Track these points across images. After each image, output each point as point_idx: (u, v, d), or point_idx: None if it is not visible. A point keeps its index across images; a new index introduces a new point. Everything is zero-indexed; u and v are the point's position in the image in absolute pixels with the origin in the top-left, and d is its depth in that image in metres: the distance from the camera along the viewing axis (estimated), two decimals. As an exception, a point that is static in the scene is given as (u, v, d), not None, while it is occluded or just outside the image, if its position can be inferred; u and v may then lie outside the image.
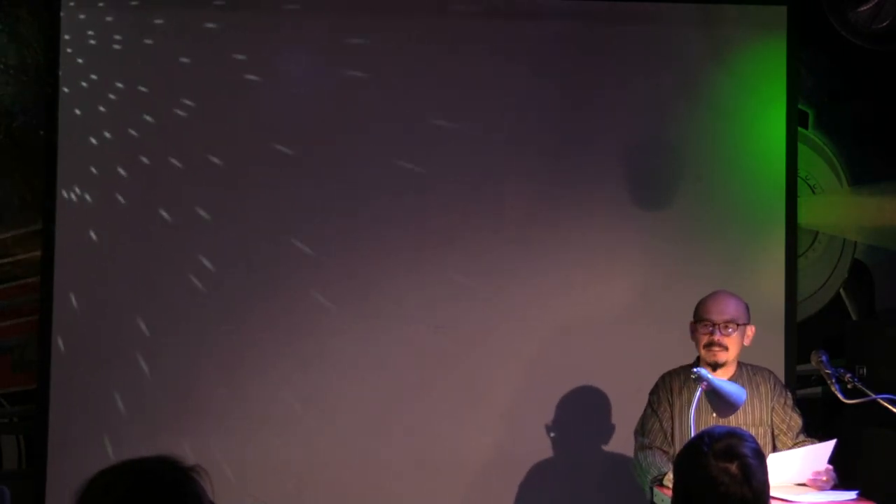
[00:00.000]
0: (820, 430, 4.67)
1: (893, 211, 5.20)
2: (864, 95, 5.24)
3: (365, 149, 5.00)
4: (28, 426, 4.92)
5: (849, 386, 3.90)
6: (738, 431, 2.41)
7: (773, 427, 3.94)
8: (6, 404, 4.95)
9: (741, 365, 3.97)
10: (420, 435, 4.95)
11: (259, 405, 4.92)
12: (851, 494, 3.61)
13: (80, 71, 4.93)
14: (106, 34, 4.95)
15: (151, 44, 4.96)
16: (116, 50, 4.95)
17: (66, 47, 4.93)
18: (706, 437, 2.36)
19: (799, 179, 5.16)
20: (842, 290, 5.27)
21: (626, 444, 4.87)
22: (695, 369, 3.73)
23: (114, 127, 4.94)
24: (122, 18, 4.96)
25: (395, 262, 4.98)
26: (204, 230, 4.94)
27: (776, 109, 5.10)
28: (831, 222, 5.25)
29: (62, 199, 4.90)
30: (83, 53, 4.94)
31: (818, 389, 5.04)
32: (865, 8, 4.40)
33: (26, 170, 4.98)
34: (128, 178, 4.93)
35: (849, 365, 4.75)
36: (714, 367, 3.86)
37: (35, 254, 4.94)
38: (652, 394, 4.01)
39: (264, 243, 4.95)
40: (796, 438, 3.93)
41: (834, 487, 3.69)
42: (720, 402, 3.71)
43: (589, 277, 5.03)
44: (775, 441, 3.93)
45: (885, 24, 4.39)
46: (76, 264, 4.90)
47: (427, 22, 5.06)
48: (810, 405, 5.01)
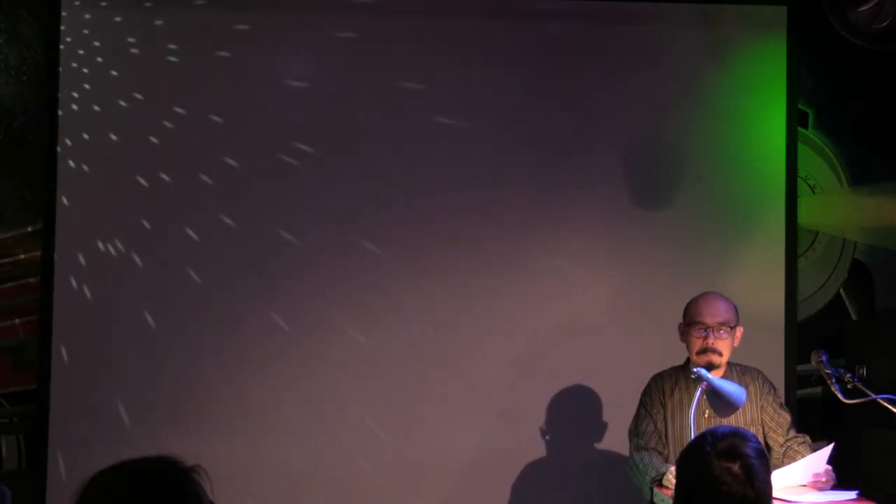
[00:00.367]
0: (820, 430, 4.68)
1: (893, 211, 5.20)
2: (864, 95, 5.24)
3: (365, 150, 5.00)
4: (28, 426, 4.92)
5: (849, 386, 3.90)
6: (741, 431, 2.40)
7: (763, 425, 3.94)
8: (6, 404, 4.95)
9: (731, 365, 3.97)
10: (420, 435, 4.95)
11: (259, 405, 4.92)
12: (851, 494, 3.61)
13: (80, 71, 4.93)
14: (106, 34, 4.95)
15: (152, 44, 4.96)
16: (117, 50, 4.95)
17: (66, 47, 4.93)
18: (709, 437, 2.36)
19: (799, 179, 5.15)
20: (842, 290, 5.27)
21: (624, 444, 4.87)
22: (695, 369, 3.73)
23: (114, 127, 4.94)
24: (123, 18, 4.96)
25: (395, 263, 4.98)
26: (205, 230, 4.94)
27: (776, 109, 5.10)
28: (831, 222, 5.25)
29: (62, 199, 4.90)
30: (83, 53, 4.94)
31: (818, 389, 5.03)
32: (865, 8, 4.40)
33: (26, 170, 4.98)
34: (128, 178, 4.93)
35: (849, 365, 4.75)
36: (708, 369, 3.85)
37: (35, 254, 4.94)
38: (644, 395, 4.01)
39: (265, 244, 4.95)
40: (787, 434, 3.94)
41: (834, 487, 3.69)
42: (720, 402, 3.71)
43: (589, 278, 5.03)
44: (766, 439, 3.94)
45: (885, 24, 4.39)
46: (76, 264, 4.90)
47: (426, 23, 5.06)
48: (810, 405, 5.01)
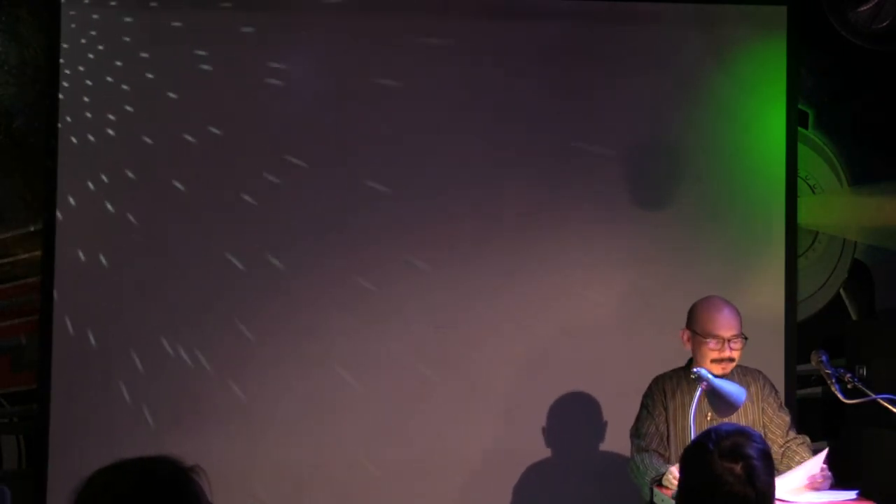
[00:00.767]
0: (820, 430, 4.68)
1: (893, 211, 5.19)
2: (864, 95, 5.24)
3: (364, 150, 5.00)
4: (28, 426, 4.92)
5: (849, 386, 3.90)
6: (746, 430, 2.38)
7: (763, 426, 3.95)
8: (6, 404, 4.95)
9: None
10: (420, 435, 4.95)
11: (260, 406, 4.91)
12: (851, 494, 3.61)
13: (80, 71, 4.93)
14: (106, 34, 4.95)
15: (152, 44, 4.96)
16: (117, 50, 4.95)
17: (66, 47, 4.93)
18: (713, 435, 2.35)
19: (799, 179, 5.15)
20: (842, 290, 5.26)
21: (625, 444, 4.87)
22: (695, 369, 3.73)
23: (114, 127, 4.94)
24: (123, 18, 4.96)
25: (395, 264, 4.98)
26: (205, 230, 4.94)
27: (776, 109, 5.10)
28: (831, 222, 5.25)
29: (62, 199, 4.90)
30: (83, 53, 4.93)
31: (818, 389, 5.03)
32: (865, 8, 4.40)
33: (26, 170, 4.98)
34: (128, 178, 4.93)
35: (849, 365, 4.75)
36: (719, 377, 3.86)
37: (35, 254, 4.94)
38: (646, 397, 4.01)
39: (265, 244, 4.95)
40: (786, 436, 3.94)
41: (834, 487, 3.69)
42: (720, 402, 3.71)
43: (589, 278, 5.03)
44: (765, 440, 3.93)
45: (885, 24, 4.39)
46: (76, 264, 4.89)
47: (426, 23, 5.05)
48: (810, 405, 5.01)
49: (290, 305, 4.95)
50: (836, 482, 3.72)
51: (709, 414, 3.83)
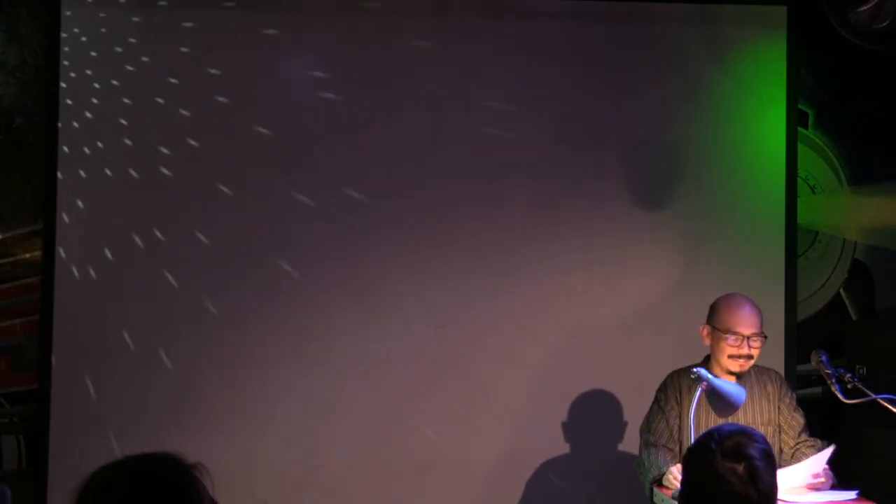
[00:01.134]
0: (820, 430, 4.67)
1: (893, 211, 5.20)
2: (864, 95, 5.24)
3: (365, 150, 5.00)
4: (28, 426, 4.92)
5: (849, 386, 3.90)
6: (748, 430, 2.38)
7: (778, 426, 3.95)
8: (6, 404, 4.95)
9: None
10: (420, 435, 4.95)
11: (260, 405, 4.92)
12: (851, 494, 3.61)
13: (80, 71, 4.93)
14: (106, 34, 4.95)
15: (153, 44, 4.96)
16: (117, 50, 4.95)
17: (66, 47, 4.93)
18: (715, 435, 2.34)
19: (799, 179, 5.15)
20: (842, 290, 5.27)
21: (625, 444, 4.88)
22: (695, 369, 3.73)
23: (114, 127, 4.94)
24: (123, 18, 4.96)
25: (395, 264, 4.98)
26: (205, 230, 4.94)
27: (776, 109, 5.10)
28: (831, 222, 5.25)
29: (62, 199, 4.90)
30: (83, 53, 4.94)
31: (818, 389, 5.03)
32: (865, 8, 4.40)
33: (26, 170, 4.98)
34: (128, 178, 4.93)
35: (849, 365, 4.75)
36: (738, 375, 3.87)
37: (35, 254, 4.94)
38: (660, 391, 3.99)
39: (265, 243, 4.95)
40: (798, 438, 3.93)
41: (834, 487, 3.69)
42: (720, 402, 3.71)
43: (589, 278, 5.03)
44: (779, 440, 3.94)
45: (885, 24, 4.39)
46: (76, 264, 4.90)
47: (425, 22, 5.05)
48: (810, 405, 5.00)
49: (290, 305, 4.95)
50: (836, 482, 3.72)
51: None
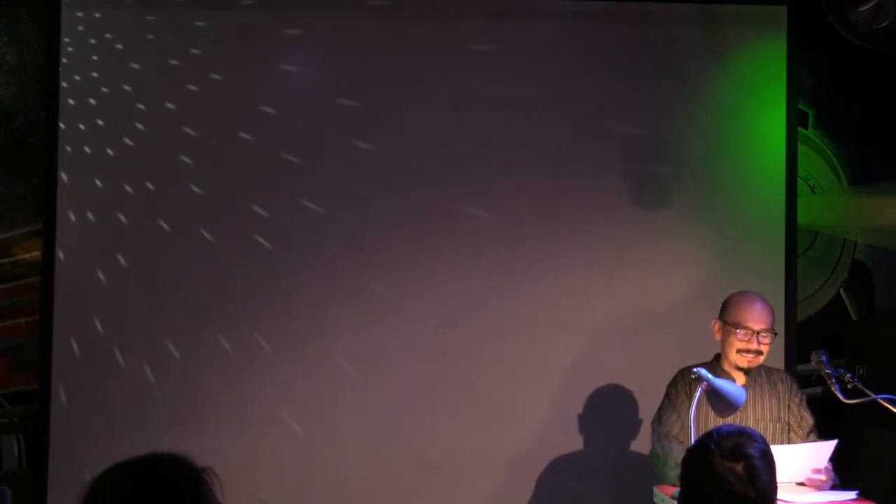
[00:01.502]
0: (820, 430, 4.67)
1: (893, 211, 5.20)
2: (864, 95, 5.24)
3: (365, 151, 5.00)
4: (28, 426, 4.92)
5: (849, 386, 3.90)
6: (747, 431, 2.40)
7: (787, 424, 3.96)
8: (6, 404, 4.95)
9: (759, 366, 3.99)
10: (420, 435, 4.95)
11: (261, 405, 4.91)
12: (851, 494, 3.61)
13: (80, 71, 4.93)
14: (107, 34, 4.95)
15: (152, 43, 4.96)
16: (117, 50, 4.95)
17: (66, 47, 4.93)
18: (714, 435, 2.36)
19: (799, 179, 5.15)
20: (842, 290, 5.27)
21: (625, 443, 4.88)
22: (695, 369, 3.73)
23: (114, 127, 4.94)
24: (123, 18, 4.96)
25: (395, 264, 4.98)
26: (206, 230, 4.94)
27: (776, 109, 5.10)
28: (831, 222, 5.25)
29: (62, 199, 4.90)
30: (83, 53, 4.94)
31: (818, 389, 5.03)
32: (865, 8, 4.40)
33: (26, 170, 4.98)
34: (128, 179, 4.93)
35: (849, 365, 4.75)
36: (747, 371, 3.88)
37: (35, 254, 4.94)
38: (670, 387, 4.02)
39: (266, 244, 4.95)
40: (806, 437, 3.95)
41: (834, 487, 3.69)
42: (720, 402, 3.71)
43: (588, 278, 5.03)
44: (789, 439, 3.96)
45: (885, 24, 4.39)
46: (76, 264, 4.89)
47: (425, 23, 5.06)
48: (810, 405, 5.00)
49: (290, 305, 4.95)
50: (838, 482, 3.72)
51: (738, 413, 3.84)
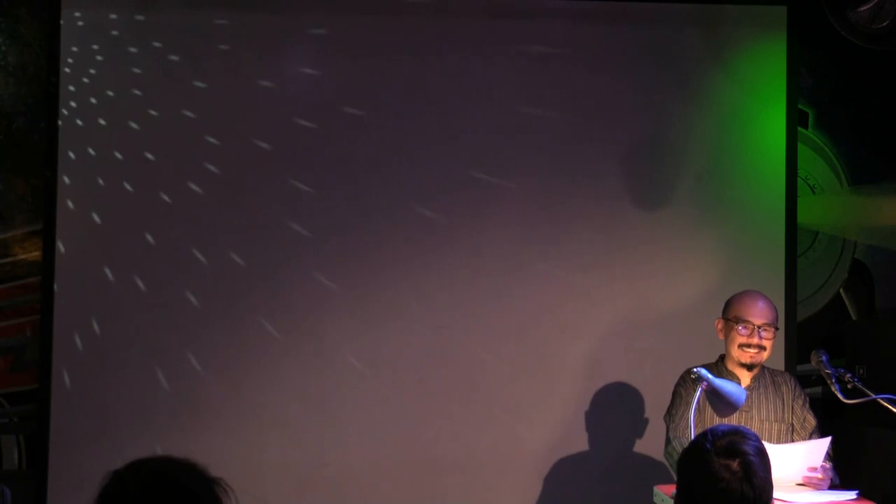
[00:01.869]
0: (823, 431, 4.67)
1: (893, 211, 5.20)
2: (864, 95, 5.25)
3: (365, 151, 5.00)
4: (28, 426, 4.92)
5: (849, 386, 3.90)
6: (741, 430, 2.41)
7: (790, 425, 3.97)
8: (6, 404, 4.95)
9: (763, 367, 4.01)
10: (420, 435, 4.95)
11: (260, 405, 4.91)
12: (851, 494, 3.61)
13: (80, 71, 4.93)
14: (106, 34, 4.95)
15: (152, 43, 4.96)
16: (117, 50, 4.95)
17: (66, 47, 4.93)
18: (709, 434, 2.37)
19: (799, 179, 5.15)
20: (842, 290, 5.27)
21: (626, 443, 4.88)
22: (695, 369, 3.73)
23: (114, 127, 4.94)
24: (123, 18, 4.96)
25: (396, 264, 4.98)
26: (206, 230, 4.94)
27: (776, 109, 5.10)
28: (831, 222, 5.25)
29: (62, 200, 4.90)
30: (83, 53, 4.94)
31: (818, 389, 5.03)
32: (865, 8, 4.40)
33: (26, 170, 4.98)
34: (128, 178, 4.93)
35: (849, 365, 4.75)
36: (749, 367, 3.90)
37: (35, 254, 4.94)
38: (678, 385, 4.04)
39: (266, 244, 4.95)
40: (809, 439, 3.95)
41: (834, 487, 3.69)
42: (720, 402, 3.71)
43: (589, 278, 5.03)
44: (792, 439, 3.96)
45: (885, 24, 4.39)
46: (76, 264, 4.90)
47: (425, 22, 5.06)
48: (810, 405, 5.01)
49: (290, 306, 4.94)
50: (839, 481, 3.72)
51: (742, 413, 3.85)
